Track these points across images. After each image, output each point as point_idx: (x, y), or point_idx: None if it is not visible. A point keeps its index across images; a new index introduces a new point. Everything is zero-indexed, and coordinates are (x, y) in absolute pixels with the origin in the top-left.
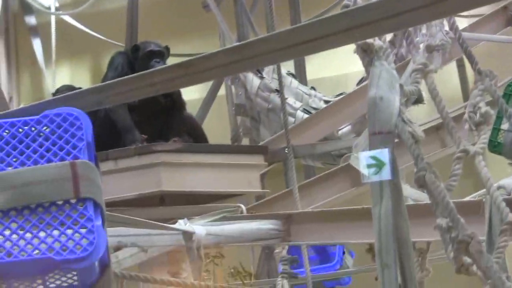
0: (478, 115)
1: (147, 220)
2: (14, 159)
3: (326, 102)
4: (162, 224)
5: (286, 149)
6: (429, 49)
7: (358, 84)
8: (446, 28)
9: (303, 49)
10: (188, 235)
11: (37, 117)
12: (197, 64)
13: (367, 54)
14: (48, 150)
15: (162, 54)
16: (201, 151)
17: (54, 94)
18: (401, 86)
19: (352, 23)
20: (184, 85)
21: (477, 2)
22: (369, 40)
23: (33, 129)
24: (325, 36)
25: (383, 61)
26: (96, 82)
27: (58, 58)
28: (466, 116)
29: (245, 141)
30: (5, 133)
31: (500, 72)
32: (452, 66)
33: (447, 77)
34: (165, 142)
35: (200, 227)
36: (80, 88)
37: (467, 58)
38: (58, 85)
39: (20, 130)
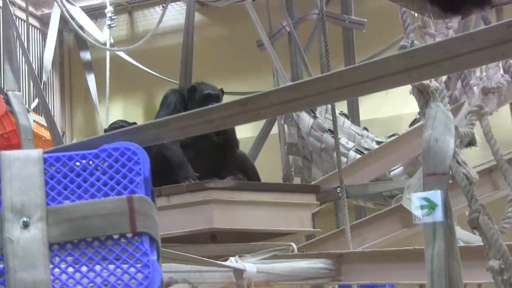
0: None
1: (198, 257)
2: (72, 193)
3: (378, 143)
4: (213, 261)
5: (339, 189)
6: (485, 91)
7: (410, 125)
8: (502, 70)
9: (360, 89)
10: (239, 273)
11: (95, 151)
12: (254, 102)
13: (423, 95)
14: (105, 184)
15: (218, 97)
16: (253, 189)
17: (107, 130)
18: (456, 128)
19: (411, 63)
20: (242, 122)
21: None
22: (426, 82)
23: (90, 163)
24: (384, 76)
25: (439, 103)
26: (148, 118)
27: (112, 94)
28: None
29: (297, 181)
30: (63, 167)
31: None
32: (506, 108)
33: (501, 120)
34: (217, 179)
35: (251, 265)
36: (134, 123)
37: None
38: (111, 121)
39: (78, 164)
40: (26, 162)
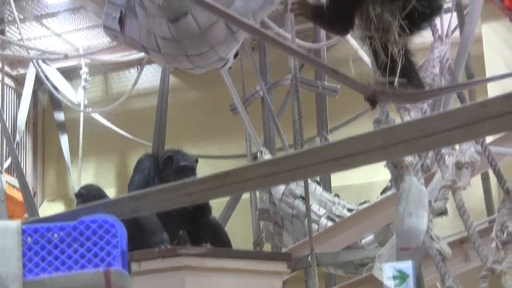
0: (505, 234)
1: None
2: (49, 265)
3: (349, 210)
4: None
5: (309, 256)
6: (458, 166)
7: (382, 193)
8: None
9: (338, 165)
10: None
11: (73, 223)
12: (233, 176)
13: (397, 169)
14: (82, 257)
15: (194, 170)
16: (225, 256)
17: (77, 194)
18: (429, 202)
19: (388, 141)
20: (220, 195)
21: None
22: None
23: (68, 234)
24: (361, 153)
25: (413, 177)
26: (121, 181)
27: (84, 155)
28: (493, 234)
29: (267, 246)
30: (40, 238)
31: None
32: (477, 178)
33: (471, 189)
34: (190, 245)
35: None
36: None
37: (496, 176)
38: (83, 182)
39: (56, 236)
40: (4, 233)
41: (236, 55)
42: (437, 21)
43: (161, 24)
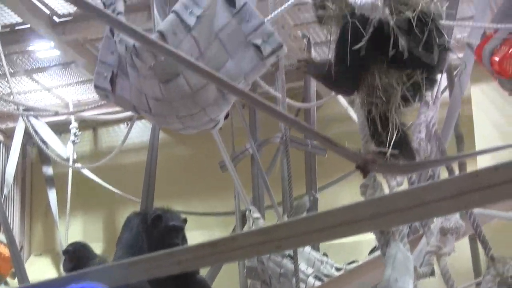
0: None
1: None
2: None
3: (338, 269)
4: None
5: None
6: (443, 231)
7: (370, 253)
8: None
9: (327, 235)
10: None
11: None
12: (223, 244)
13: (383, 235)
14: None
15: (182, 230)
16: None
17: (64, 251)
18: (415, 268)
19: (378, 210)
20: (210, 264)
21: (501, 197)
22: None
23: None
24: (351, 222)
25: (399, 243)
26: (109, 235)
27: (72, 210)
28: None
29: None
30: None
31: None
32: (465, 239)
33: (459, 249)
34: None
35: None
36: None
37: (481, 243)
38: (71, 236)
39: None
40: None
41: (226, 116)
42: None
43: (152, 84)
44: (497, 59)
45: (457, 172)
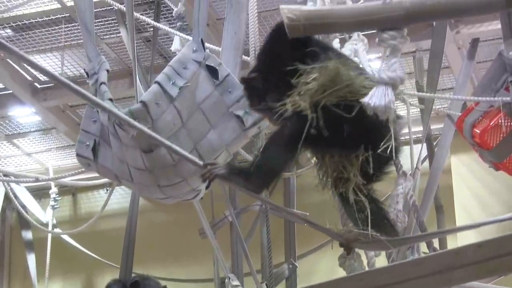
0: None
1: None
2: None
3: None
4: None
5: None
6: None
7: None
8: None
9: None
10: None
11: None
12: None
13: None
14: None
15: None
16: None
17: None
18: None
19: (360, 286)
20: None
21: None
22: None
23: None
24: None
25: None
26: None
27: (51, 274)
28: None
29: None
30: None
31: None
32: None
33: None
34: None
35: None
36: None
37: None
38: None
39: None
40: None
41: (208, 186)
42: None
43: (134, 154)
44: (478, 131)
45: (436, 243)
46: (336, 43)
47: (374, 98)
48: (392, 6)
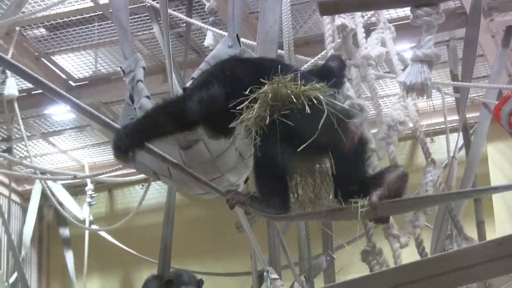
0: None
1: None
2: None
3: None
4: None
5: None
6: None
7: None
8: None
9: None
10: None
11: None
12: None
13: None
14: None
15: None
16: None
17: None
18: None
19: (400, 280)
20: None
21: None
22: None
23: None
24: None
25: None
26: None
27: (89, 271)
28: None
29: None
30: None
31: None
32: None
33: None
34: None
35: None
36: None
37: None
38: None
39: None
40: None
41: (246, 181)
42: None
43: (173, 150)
44: None
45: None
46: (360, 29)
47: (410, 77)
48: None
